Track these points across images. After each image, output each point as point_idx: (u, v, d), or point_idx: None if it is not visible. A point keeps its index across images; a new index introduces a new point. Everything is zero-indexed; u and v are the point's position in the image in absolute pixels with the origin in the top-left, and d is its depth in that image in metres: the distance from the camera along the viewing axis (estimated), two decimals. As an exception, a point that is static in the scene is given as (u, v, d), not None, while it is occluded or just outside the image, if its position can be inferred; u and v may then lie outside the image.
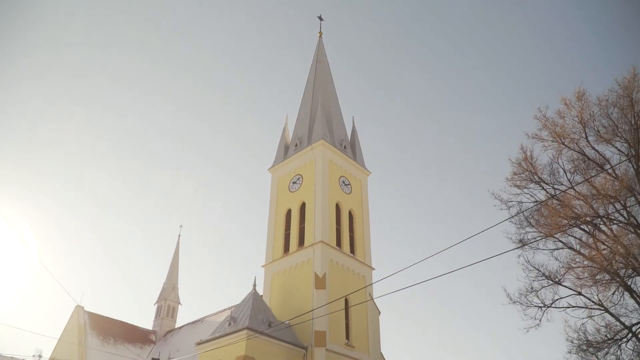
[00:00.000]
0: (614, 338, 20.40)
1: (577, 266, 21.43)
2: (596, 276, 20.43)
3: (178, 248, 57.85)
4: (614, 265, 19.64)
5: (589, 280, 20.82)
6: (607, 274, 19.92)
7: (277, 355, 31.25)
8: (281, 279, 37.44)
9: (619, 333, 20.44)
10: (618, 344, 20.38)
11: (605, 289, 20.62)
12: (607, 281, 20.30)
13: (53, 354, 43.86)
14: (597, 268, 20.00)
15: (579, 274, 21.29)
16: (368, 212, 42.62)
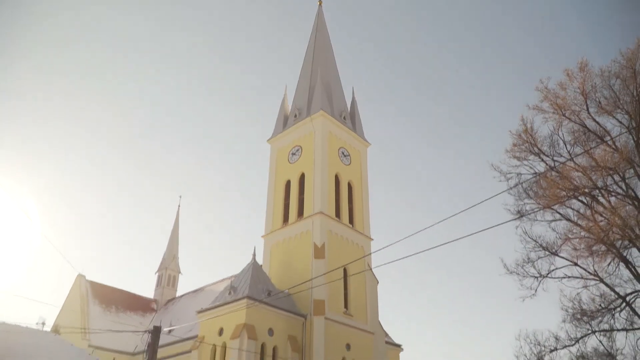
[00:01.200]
0: (608, 307, 20.75)
1: (574, 237, 21.65)
2: (592, 247, 20.66)
3: (178, 218, 58.26)
4: (611, 237, 19.84)
5: (585, 251, 21.08)
6: (603, 245, 20.14)
7: (277, 323, 31.79)
8: (280, 249, 37.79)
9: (613, 302, 20.78)
10: (612, 313, 20.74)
11: (601, 259, 20.87)
12: (603, 252, 20.54)
13: (56, 322, 44.59)
14: (593, 239, 20.21)
15: (575, 245, 21.55)
16: (367, 183, 42.75)
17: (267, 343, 30.81)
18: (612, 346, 21.22)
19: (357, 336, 34.85)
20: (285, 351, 31.49)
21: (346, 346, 33.78)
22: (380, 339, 36.82)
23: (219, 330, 31.34)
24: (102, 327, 39.99)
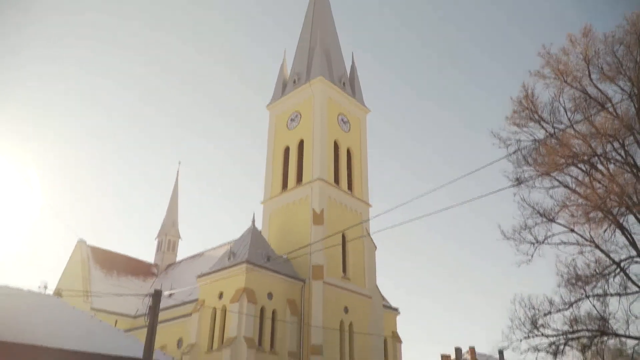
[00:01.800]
0: (602, 273, 21.04)
1: (572, 204, 21.77)
2: (589, 214, 20.79)
3: (177, 184, 58.37)
4: (608, 204, 19.96)
5: (582, 218, 21.22)
6: (600, 212, 20.27)
7: (276, 287, 32.27)
8: (279, 215, 38.03)
9: (608, 268, 21.06)
10: (606, 279, 21.05)
11: (597, 226, 21.04)
12: (600, 219, 20.68)
13: (58, 286, 45.15)
14: (591, 206, 20.33)
15: (573, 211, 21.69)
16: (366, 150, 42.72)
17: (266, 307, 31.36)
18: (605, 310, 21.60)
19: (355, 300, 35.46)
20: (284, 314, 32.08)
21: (344, 309, 34.41)
22: (378, 302, 37.47)
23: (219, 294, 31.83)
24: (104, 291, 40.54)
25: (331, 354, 32.11)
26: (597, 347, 26.63)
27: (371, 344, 35.11)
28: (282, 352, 31.22)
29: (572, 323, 22.02)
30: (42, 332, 18.40)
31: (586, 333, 22.05)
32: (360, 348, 34.42)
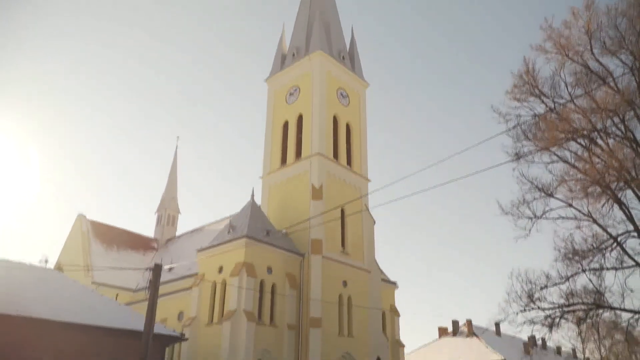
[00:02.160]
0: (599, 247, 21.15)
1: (571, 179, 21.77)
2: (588, 189, 20.81)
3: (176, 159, 58.35)
4: (607, 179, 19.95)
5: (580, 192, 21.24)
6: (598, 186, 20.28)
7: (275, 261, 32.53)
8: (279, 190, 38.08)
9: (605, 242, 21.16)
10: (603, 253, 21.16)
11: (595, 201, 21.07)
12: (598, 194, 20.71)
13: (59, 260, 45.48)
14: (589, 181, 20.33)
15: (571, 186, 21.69)
16: (365, 124, 42.55)
17: (265, 280, 31.66)
18: (601, 284, 21.78)
19: (354, 274, 35.79)
20: (283, 288, 32.41)
21: (343, 283, 34.75)
22: (376, 276, 37.83)
23: (218, 268, 32.09)
24: (104, 265, 40.84)
25: (330, 327, 32.55)
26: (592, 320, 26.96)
27: (369, 318, 35.57)
28: (281, 325, 31.65)
29: (568, 297, 22.23)
30: (44, 305, 18.60)
31: (582, 306, 22.28)
32: (358, 321, 34.88)
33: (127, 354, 18.92)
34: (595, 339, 48.14)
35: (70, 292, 21.60)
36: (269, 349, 30.31)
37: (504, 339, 50.85)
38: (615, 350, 49.60)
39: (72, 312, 19.01)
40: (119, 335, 19.45)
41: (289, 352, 31.17)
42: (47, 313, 17.96)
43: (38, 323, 17.51)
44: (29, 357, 17.29)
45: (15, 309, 17.13)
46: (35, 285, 20.75)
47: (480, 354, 46.98)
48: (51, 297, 19.96)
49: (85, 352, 18.73)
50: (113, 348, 19.45)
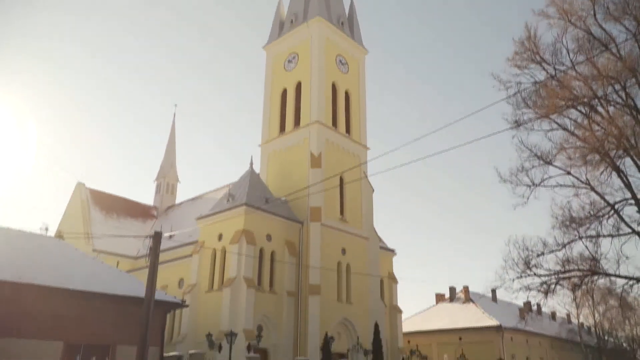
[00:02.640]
0: (596, 214, 21.29)
1: (570, 147, 21.75)
2: (587, 157, 20.81)
3: (174, 127, 58.04)
4: (606, 146, 19.93)
5: (579, 160, 21.26)
6: (597, 154, 20.28)
7: (275, 229, 32.75)
8: (277, 158, 38.03)
9: (602, 210, 21.29)
10: (599, 220, 21.32)
11: (594, 168, 21.10)
12: (597, 161, 20.72)
13: (59, 228, 45.70)
14: (588, 149, 20.31)
15: (570, 154, 21.69)
16: (365, 92, 42.20)
17: (265, 248, 31.95)
18: (597, 251, 22.03)
19: (352, 241, 36.10)
20: (282, 255, 32.73)
21: (341, 250, 35.09)
22: (375, 244, 38.16)
23: (218, 235, 32.33)
24: (104, 232, 41.05)
25: (329, 293, 33.01)
26: (587, 286, 27.34)
27: (368, 284, 36.04)
28: (281, 292, 32.09)
29: (564, 263, 22.49)
30: (46, 272, 18.76)
31: (577, 273, 22.57)
32: (357, 288, 35.35)
33: (129, 320, 19.19)
34: (590, 305, 48.86)
35: (71, 260, 21.74)
36: (268, 315, 30.82)
37: (500, 305, 51.67)
38: (609, 315, 50.48)
39: (74, 279, 19.18)
40: (121, 302, 19.69)
41: (288, 318, 31.70)
42: (49, 280, 18.12)
43: (40, 290, 17.68)
44: (30, 324, 17.55)
45: (17, 276, 17.27)
46: (36, 253, 20.87)
47: (476, 319, 47.79)
48: (52, 264, 20.10)
49: (87, 318, 19.00)
50: (115, 314, 19.73)
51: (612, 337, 54.97)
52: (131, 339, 18.50)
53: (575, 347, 53.12)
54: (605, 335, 52.75)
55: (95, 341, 19.14)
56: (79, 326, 18.71)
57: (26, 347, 17.19)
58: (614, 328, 53.91)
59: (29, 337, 17.35)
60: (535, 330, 50.91)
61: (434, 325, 49.63)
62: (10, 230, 21.66)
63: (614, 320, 52.10)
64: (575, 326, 52.81)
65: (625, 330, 56.64)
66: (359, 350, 31.20)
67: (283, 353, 30.08)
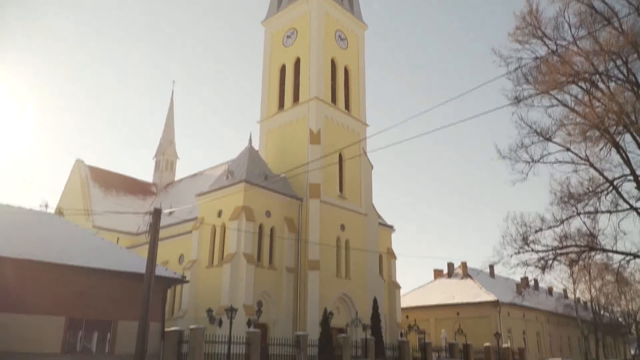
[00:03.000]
0: (595, 191, 21.39)
1: (570, 123, 21.73)
2: (586, 133, 20.80)
3: (172, 103, 57.74)
4: (606, 123, 19.89)
5: (578, 136, 21.25)
6: (597, 130, 20.25)
7: (274, 205, 32.84)
8: (276, 135, 37.91)
9: (601, 186, 21.39)
10: (598, 196, 21.44)
11: (593, 145, 21.12)
12: (597, 138, 20.72)
13: (59, 205, 45.78)
14: (588, 125, 20.28)
15: (570, 130, 21.68)
16: (364, 68, 41.85)
17: (264, 224, 32.09)
18: (595, 227, 22.21)
19: (351, 218, 36.23)
20: (282, 232, 32.89)
21: (340, 227, 35.24)
22: (373, 220, 38.30)
23: (218, 212, 32.43)
24: (104, 209, 41.14)
25: (328, 269, 33.26)
26: (585, 261, 27.60)
27: (366, 260, 36.30)
28: (280, 268, 32.33)
29: (562, 239, 22.67)
30: (46, 248, 18.85)
31: (575, 249, 22.76)
32: (355, 264, 35.61)
33: (130, 296, 19.37)
34: (586, 280, 49.38)
35: (72, 236, 21.82)
36: (268, 290, 31.10)
37: (497, 280, 52.18)
38: (605, 290, 51.03)
39: (75, 255, 19.29)
40: (122, 278, 19.84)
41: (287, 294, 32.01)
42: (50, 256, 18.23)
43: (41, 266, 17.81)
44: (32, 300, 17.71)
45: (18, 252, 17.38)
46: (37, 230, 20.93)
47: (474, 294, 48.31)
48: (53, 240, 20.18)
49: (89, 294, 19.17)
50: (116, 290, 19.90)
51: (607, 312, 55.72)
52: (132, 315, 18.72)
53: (572, 321, 53.85)
54: (601, 310, 53.45)
55: (97, 316, 19.36)
56: (80, 302, 18.90)
57: (29, 322, 17.40)
58: (610, 303, 54.61)
59: (31, 313, 17.54)
60: (532, 305, 51.55)
61: (432, 300, 50.21)
62: (10, 207, 21.68)
63: (610, 296, 52.72)
64: (572, 301, 53.45)
65: (621, 305, 57.40)
66: (357, 325, 31.56)
67: (283, 328, 30.44)
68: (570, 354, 53.17)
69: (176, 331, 21.93)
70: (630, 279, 49.36)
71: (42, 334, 17.65)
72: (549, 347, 53.82)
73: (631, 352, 70.04)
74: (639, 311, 59.01)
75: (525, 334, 50.23)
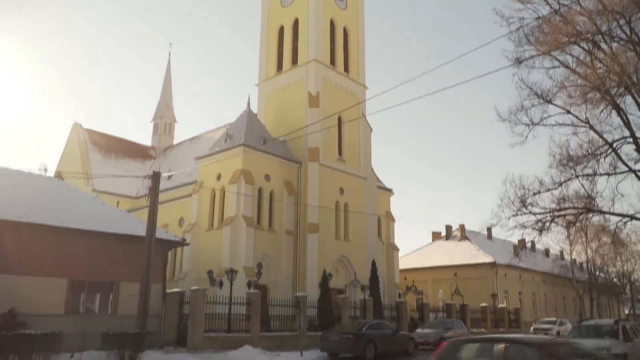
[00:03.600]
0: (594, 153, 21.40)
1: (570, 85, 21.54)
2: (587, 95, 20.64)
3: (169, 66, 57.11)
4: (607, 84, 19.72)
5: (579, 98, 21.10)
6: (598, 92, 20.10)
7: (273, 169, 32.89)
8: (275, 98, 37.60)
9: (600, 148, 21.39)
10: (597, 159, 21.46)
11: (594, 107, 21.00)
12: (598, 100, 20.57)
13: (58, 168, 45.80)
14: (589, 87, 20.10)
15: (570, 92, 21.51)
16: (364, 29, 41.15)
17: (264, 187, 32.21)
18: (593, 189, 22.31)
19: (350, 181, 36.34)
20: (281, 195, 33.03)
21: (339, 190, 35.39)
22: (372, 183, 38.43)
23: (217, 175, 32.50)
24: (103, 173, 41.14)
25: (327, 232, 33.56)
26: (582, 223, 27.83)
27: (365, 223, 36.59)
28: (279, 231, 32.62)
29: (560, 201, 22.81)
30: (47, 212, 18.95)
31: (572, 211, 22.93)
32: (354, 226, 35.91)
33: (131, 258, 19.60)
34: (583, 242, 49.90)
35: (72, 199, 21.87)
36: (268, 253, 31.46)
37: (494, 242, 52.78)
38: (601, 251, 51.68)
39: (76, 218, 19.39)
40: (123, 240, 20.01)
41: (287, 256, 32.40)
42: (51, 219, 18.34)
43: (43, 229, 17.94)
44: (35, 262, 17.91)
45: (19, 215, 17.47)
46: (37, 193, 20.96)
47: (471, 256, 48.97)
48: (54, 203, 20.24)
49: (90, 256, 19.37)
50: (117, 253, 20.11)
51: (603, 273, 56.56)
52: (134, 277, 19.01)
53: (567, 282, 54.73)
54: (597, 271, 54.26)
55: (99, 278, 19.63)
56: (82, 264, 19.13)
57: (32, 284, 17.65)
58: (605, 264, 55.37)
59: (34, 275, 17.78)
60: (529, 266, 52.28)
61: (430, 262, 50.90)
62: (9, 170, 21.67)
63: (606, 257, 53.41)
64: (568, 262, 54.19)
65: (616, 266, 58.24)
66: (356, 286, 32.10)
67: (282, 289, 30.93)
68: (565, 314, 54.26)
69: (177, 292, 22.32)
70: (626, 240, 49.95)
71: (45, 296, 17.94)
72: (544, 307, 54.90)
73: (625, 312, 71.51)
74: (633, 272, 59.94)
75: (521, 294, 51.16)
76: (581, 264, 54.69)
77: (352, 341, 19.21)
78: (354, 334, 19.53)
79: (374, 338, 19.95)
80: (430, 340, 25.42)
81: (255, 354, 18.81)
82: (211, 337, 21.16)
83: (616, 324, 15.22)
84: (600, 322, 16.40)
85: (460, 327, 28.60)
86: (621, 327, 14.91)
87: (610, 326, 15.23)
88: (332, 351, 20.01)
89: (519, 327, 41.35)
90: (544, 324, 36.91)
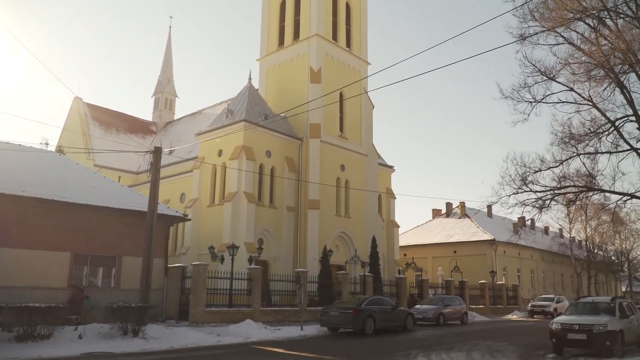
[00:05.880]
0: (596, 131, 21.30)
1: (574, 62, 21.31)
2: (591, 72, 20.43)
3: (170, 40, 56.56)
4: (611, 62, 19.52)
5: (583, 76, 20.89)
6: (602, 70, 19.90)
7: (274, 145, 32.85)
8: (276, 73, 37.33)
9: (602, 127, 21.27)
10: (599, 137, 21.36)
11: (597, 84, 20.81)
12: (601, 77, 20.37)
13: (59, 143, 45.74)
14: (593, 64, 19.90)
15: (574, 69, 21.29)
16: (366, 3, 40.63)
17: (265, 164, 32.22)
18: (594, 168, 22.27)
19: (351, 158, 36.32)
20: (282, 171, 33.06)
21: (340, 167, 35.40)
22: (373, 160, 38.42)
23: (218, 151, 32.49)
24: (104, 148, 41.11)
25: (327, 208, 33.67)
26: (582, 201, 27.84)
27: (366, 200, 36.69)
28: (280, 207, 32.73)
29: (560, 180, 22.80)
30: (49, 186, 19.01)
31: (573, 189, 22.93)
32: (355, 203, 36.02)
33: (134, 233, 19.75)
34: (582, 220, 50.05)
35: (74, 174, 21.94)
36: (269, 228, 31.64)
37: (494, 220, 52.96)
38: (600, 230, 51.88)
39: (77, 193, 19.47)
40: (125, 215, 20.12)
41: (288, 232, 32.58)
42: (52, 194, 18.40)
43: (45, 204, 18.02)
44: (38, 236, 18.05)
45: (21, 190, 17.53)
46: (38, 167, 21.03)
47: (471, 233, 49.21)
48: (55, 178, 20.31)
49: (93, 231, 19.51)
50: (119, 227, 20.26)
51: (601, 251, 56.88)
52: (136, 251, 19.18)
53: (565, 260, 55.09)
54: (595, 249, 54.55)
55: (101, 252, 19.81)
56: (85, 238, 19.29)
57: (36, 257, 17.83)
58: (604, 242, 55.64)
59: (37, 248, 17.95)
60: (528, 244, 52.57)
61: (429, 239, 51.20)
62: (11, 145, 21.66)
63: (605, 235, 53.64)
64: (567, 240, 54.43)
65: (615, 244, 58.55)
66: (356, 262, 32.35)
67: (283, 264, 31.20)
68: (563, 291, 54.77)
69: (179, 267, 22.55)
70: (625, 218, 50.09)
71: (48, 269, 18.15)
72: (542, 284, 55.38)
73: (622, 289, 72.15)
74: (631, 250, 60.29)
75: (520, 271, 51.54)
76: (580, 242, 54.98)
77: (351, 316, 19.45)
78: (354, 309, 19.77)
79: (373, 313, 20.19)
80: (429, 316, 25.74)
81: (256, 328, 19.09)
82: (213, 312, 21.46)
83: (613, 301, 15.35)
84: (597, 300, 16.53)
85: (459, 303, 28.90)
86: (618, 304, 15.04)
87: (607, 303, 15.36)
88: (331, 326, 20.29)
89: (517, 304, 41.81)
90: (542, 300, 37.31)
